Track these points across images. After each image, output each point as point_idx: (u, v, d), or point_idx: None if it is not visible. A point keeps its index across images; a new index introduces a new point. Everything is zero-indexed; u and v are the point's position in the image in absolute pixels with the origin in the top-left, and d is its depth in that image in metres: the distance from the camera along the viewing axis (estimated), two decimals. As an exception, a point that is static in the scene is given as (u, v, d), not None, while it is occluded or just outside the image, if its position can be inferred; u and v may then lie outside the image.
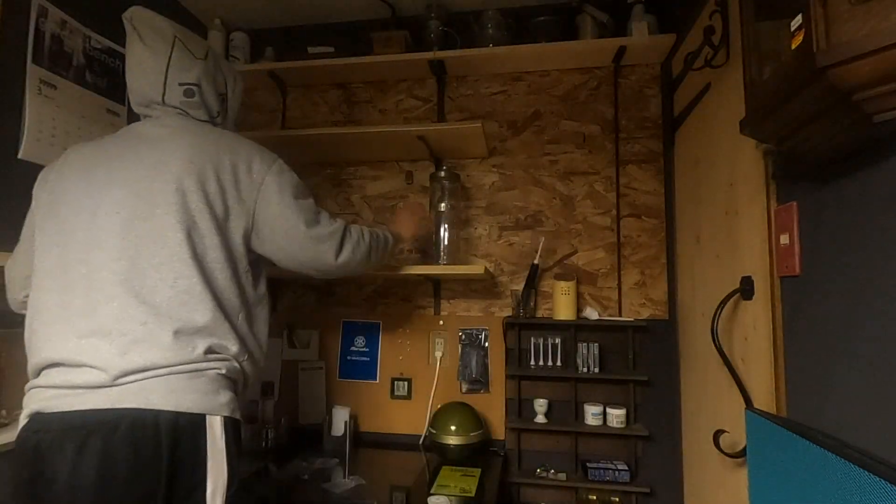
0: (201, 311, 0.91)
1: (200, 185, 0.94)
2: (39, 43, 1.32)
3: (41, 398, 0.87)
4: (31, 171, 1.30)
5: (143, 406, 0.83)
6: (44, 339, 0.90)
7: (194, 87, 1.05)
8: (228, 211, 0.98)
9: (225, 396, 0.92)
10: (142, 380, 0.85)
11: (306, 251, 1.08)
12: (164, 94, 1.02)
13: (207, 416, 0.88)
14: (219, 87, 1.11)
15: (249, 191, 1.00)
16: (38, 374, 0.91)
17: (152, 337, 0.87)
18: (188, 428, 0.85)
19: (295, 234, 1.05)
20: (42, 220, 0.98)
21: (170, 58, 1.02)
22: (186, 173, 0.94)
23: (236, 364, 0.97)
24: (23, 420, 0.88)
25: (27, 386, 0.92)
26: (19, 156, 1.27)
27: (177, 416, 0.84)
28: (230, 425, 0.91)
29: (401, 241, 1.45)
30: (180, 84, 1.03)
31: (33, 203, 1.03)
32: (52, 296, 0.91)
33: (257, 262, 1.07)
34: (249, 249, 1.03)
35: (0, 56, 1.23)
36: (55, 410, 0.84)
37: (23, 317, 1.01)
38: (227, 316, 0.96)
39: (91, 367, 0.85)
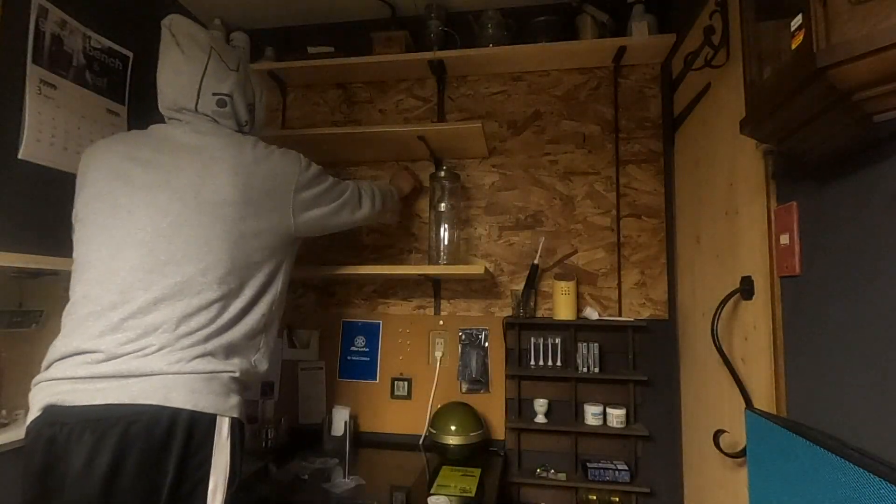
0: (232, 318, 0.98)
1: (244, 197, 1.00)
2: (39, 43, 1.32)
3: (55, 391, 0.88)
4: (31, 171, 1.30)
5: (163, 403, 0.86)
6: (72, 329, 0.93)
7: (227, 98, 1.09)
8: (265, 218, 1.04)
9: (234, 399, 0.96)
10: (163, 376, 0.88)
11: (333, 220, 1.24)
12: (196, 103, 1.06)
13: (218, 417, 0.92)
14: (248, 97, 1.16)
15: (284, 198, 1.08)
16: (55, 364, 0.92)
17: (178, 338, 0.91)
18: (200, 427, 0.89)
19: (327, 215, 1.21)
20: (82, 213, 1.03)
21: (206, 67, 1.07)
22: (232, 185, 0.99)
23: (250, 367, 1.02)
24: (35, 413, 0.89)
25: (36, 379, 0.93)
26: (19, 156, 1.27)
27: (192, 414, 0.88)
28: (237, 426, 0.95)
29: (401, 193, 1.68)
30: (214, 94, 1.07)
31: (76, 191, 1.09)
32: (87, 288, 0.95)
33: (285, 267, 1.13)
34: (284, 252, 1.12)
35: (0, 56, 1.23)
36: (73, 404, 0.86)
37: (21, 316, 1.01)
38: (254, 323, 1.03)
39: (114, 359, 0.88)
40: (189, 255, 0.95)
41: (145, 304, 0.92)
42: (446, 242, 1.70)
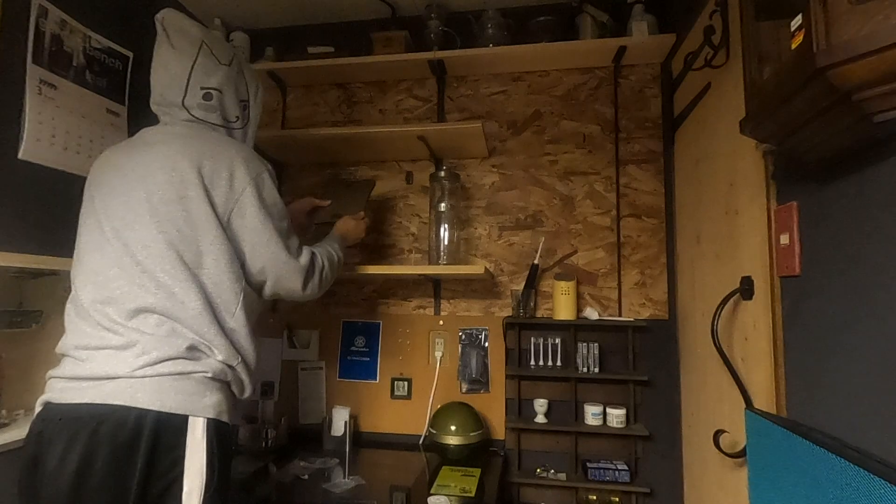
0: (194, 318, 0.96)
1: (182, 192, 0.97)
2: (39, 43, 1.32)
3: (55, 388, 0.92)
4: (31, 171, 1.30)
5: (129, 404, 0.87)
6: (68, 327, 0.98)
7: (213, 92, 1.08)
8: (210, 216, 0.99)
9: (212, 398, 0.94)
10: (131, 378, 0.89)
11: (274, 270, 1.08)
12: (184, 97, 1.06)
13: (190, 417, 0.90)
14: (240, 93, 1.14)
15: (235, 188, 1.02)
16: (61, 360, 0.96)
17: (147, 339, 0.91)
18: (169, 428, 0.88)
19: (264, 248, 1.06)
20: (80, 219, 1.05)
21: (194, 61, 1.06)
22: (168, 181, 0.97)
23: (225, 367, 0.98)
24: (37, 408, 0.93)
25: (47, 374, 0.96)
26: (19, 156, 1.27)
27: (159, 415, 0.88)
28: (214, 427, 0.93)
29: (346, 243, 1.44)
30: (202, 88, 1.07)
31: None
32: (77, 289, 0.98)
33: (231, 262, 1.06)
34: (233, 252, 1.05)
35: (0, 56, 1.23)
36: (61, 402, 0.89)
37: (21, 316, 1.03)
38: (220, 323, 0.99)
39: (93, 361, 0.91)
40: (152, 257, 0.95)
41: (119, 307, 0.93)
42: (446, 242, 1.70)
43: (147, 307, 0.93)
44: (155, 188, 0.97)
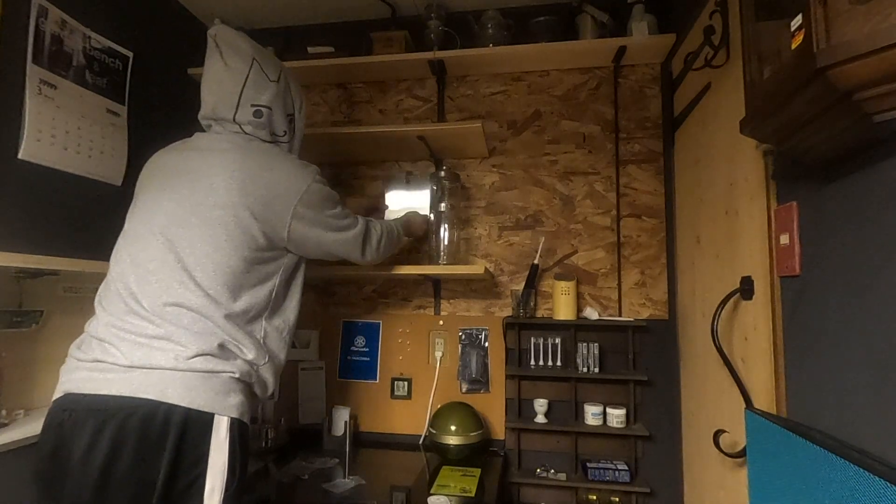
0: (230, 320, 0.98)
1: (241, 201, 1.01)
2: (39, 43, 1.32)
3: (74, 377, 0.92)
4: (31, 171, 1.30)
5: (158, 399, 0.87)
6: (99, 311, 0.98)
7: (264, 109, 1.11)
8: (261, 225, 1.04)
9: (235, 399, 0.96)
10: (162, 371, 0.89)
11: (331, 249, 1.20)
12: (235, 113, 1.09)
13: (216, 416, 0.91)
14: (287, 108, 1.18)
15: (283, 211, 1.07)
16: (84, 343, 0.96)
17: (181, 335, 0.92)
18: (196, 425, 0.89)
19: (324, 242, 1.16)
20: (128, 215, 1.09)
21: (246, 78, 1.09)
22: (226, 189, 1.01)
23: (252, 371, 1.01)
24: (56, 395, 0.93)
25: (70, 351, 0.97)
26: (19, 156, 1.27)
27: (188, 412, 0.88)
28: (237, 427, 0.94)
29: (408, 235, 1.61)
30: (252, 105, 1.10)
31: None
32: (114, 276, 1.00)
33: (280, 277, 1.11)
34: (280, 263, 1.11)
35: (0, 56, 1.23)
36: (84, 392, 0.89)
37: (21, 316, 1.03)
38: (252, 329, 1.03)
39: (121, 349, 0.91)
40: (196, 257, 0.97)
41: (155, 299, 0.94)
42: (446, 242, 1.70)
43: (181, 303, 0.94)
44: (210, 192, 1.00)
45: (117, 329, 0.93)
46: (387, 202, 1.87)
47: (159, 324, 0.92)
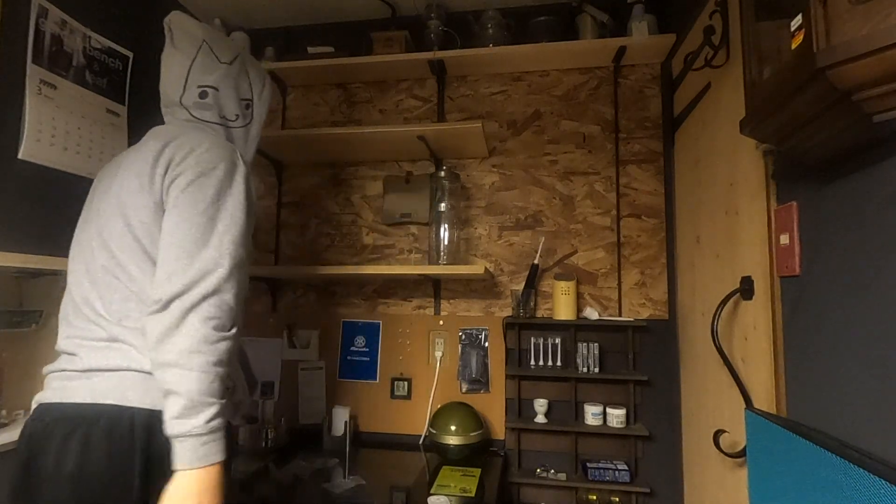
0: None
1: (144, 183, 0.91)
2: (39, 43, 1.32)
3: (47, 387, 0.91)
4: (31, 171, 1.30)
5: (120, 403, 0.85)
6: (60, 325, 0.96)
7: (209, 90, 1.06)
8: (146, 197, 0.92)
9: None
10: (121, 372, 0.87)
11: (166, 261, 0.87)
12: (182, 95, 1.05)
13: None
14: (242, 92, 1.13)
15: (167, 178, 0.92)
16: (58, 357, 0.95)
17: (125, 331, 0.90)
18: (162, 426, 0.82)
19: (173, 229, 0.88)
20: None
21: (194, 60, 1.05)
22: (137, 174, 0.92)
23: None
24: (32, 407, 0.92)
25: (44, 370, 0.95)
26: (19, 156, 1.27)
27: (151, 413, 0.85)
28: None
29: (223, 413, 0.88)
30: (199, 86, 1.06)
31: None
32: (69, 287, 0.99)
33: None
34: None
35: (0, 56, 1.23)
36: (52, 401, 0.88)
37: (21, 316, 1.03)
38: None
39: (79, 357, 0.89)
40: (123, 249, 0.92)
41: (105, 301, 0.91)
42: (446, 242, 1.70)
43: (127, 299, 0.90)
44: (126, 180, 0.94)
45: (75, 338, 0.91)
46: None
47: (107, 327, 0.90)
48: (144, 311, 0.87)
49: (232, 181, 0.94)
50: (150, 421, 0.85)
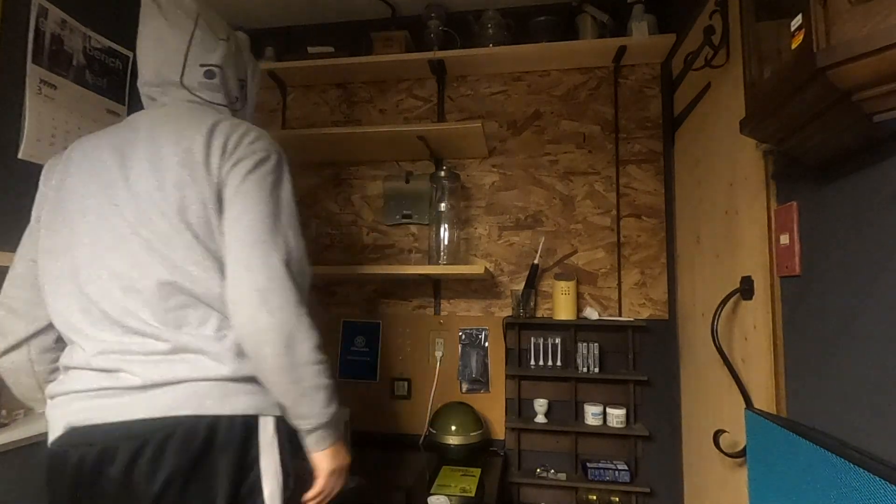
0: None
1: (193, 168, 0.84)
2: (39, 43, 1.32)
3: (76, 409, 0.79)
4: (31, 171, 1.30)
5: (197, 413, 0.77)
6: (73, 336, 0.84)
7: (216, 69, 0.96)
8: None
9: (269, 394, 0.85)
10: (194, 383, 0.79)
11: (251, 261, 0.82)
12: (182, 75, 0.94)
13: (260, 417, 0.83)
14: (240, 71, 1.04)
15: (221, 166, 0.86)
16: (71, 372, 0.83)
17: (196, 339, 0.81)
18: (242, 431, 0.80)
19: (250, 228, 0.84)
20: (47, 219, 0.89)
21: (192, 35, 0.94)
22: (179, 164, 0.83)
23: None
24: (56, 433, 0.79)
25: (51, 390, 0.83)
26: (19, 156, 1.27)
27: (231, 419, 0.79)
28: (282, 424, 0.86)
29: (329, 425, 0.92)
30: (202, 65, 0.95)
31: (39, 201, 0.95)
32: (71, 301, 0.83)
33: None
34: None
35: (0, 56, 1.23)
36: (95, 423, 0.77)
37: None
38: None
39: (127, 372, 0.78)
40: (175, 248, 0.83)
41: (150, 311, 0.80)
42: (446, 242, 1.70)
43: (185, 305, 0.82)
44: (169, 173, 0.82)
45: (123, 353, 0.80)
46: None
47: (169, 336, 0.80)
48: (209, 313, 0.82)
49: (283, 172, 0.90)
50: (231, 428, 0.79)
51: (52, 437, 0.80)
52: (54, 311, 0.86)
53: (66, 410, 0.80)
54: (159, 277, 0.80)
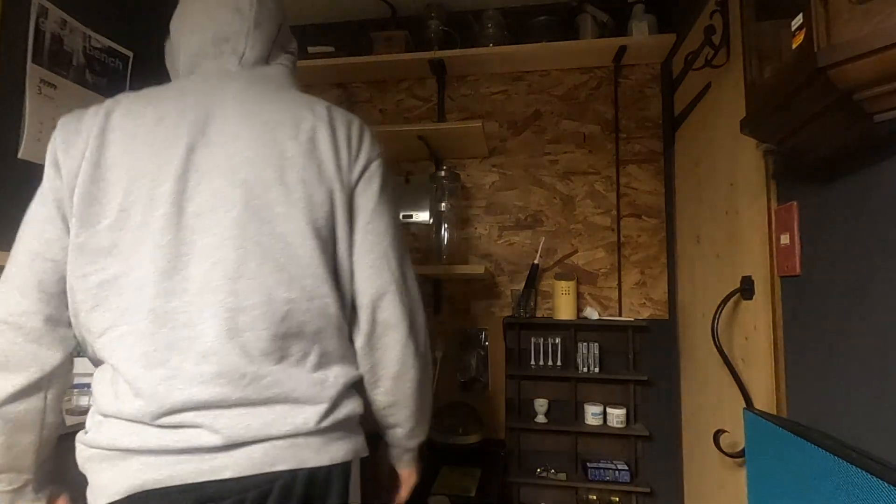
0: (330, 336, 0.72)
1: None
2: (39, 43, 1.32)
3: (140, 468, 0.61)
4: (32, 171, 1.30)
5: (296, 467, 0.65)
6: (132, 366, 0.63)
7: (276, 32, 0.88)
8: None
9: (361, 430, 0.77)
10: (291, 440, 0.65)
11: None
12: (269, 53, 0.85)
13: (353, 462, 0.73)
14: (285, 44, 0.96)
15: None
16: (124, 424, 0.63)
17: (294, 378, 0.67)
18: (340, 480, 0.69)
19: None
20: (84, 203, 0.70)
21: (280, 25, 0.89)
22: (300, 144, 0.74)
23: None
24: (113, 496, 0.61)
25: (92, 440, 0.63)
26: (19, 156, 1.27)
27: (330, 469, 0.68)
28: (360, 463, 0.77)
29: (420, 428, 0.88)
30: (285, 52, 0.90)
31: (52, 181, 0.76)
32: (128, 318, 0.63)
33: None
34: None
35: (0, 56, 1.23)
36: (172, 484, 0.61)
37: None
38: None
39: (209, 428, 0.61)
40: (305, 250, 0.71)
41: (253, 334, 0.64)
42: (446, 242, 1.70)
43: (291, 334, 0.68)
44: (300, 163, 0.70)
45: (194, 410, 0.62)
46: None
47: (266, 372, 0.64)
48: (310, 345, 0.68)
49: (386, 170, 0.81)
50: (329, 477, 0.68)
51: (104, 502, 0.61)
52: (92, 330, 0.65)
53: (125, 469, 0.61)
54: (272, 294, 0.64)
